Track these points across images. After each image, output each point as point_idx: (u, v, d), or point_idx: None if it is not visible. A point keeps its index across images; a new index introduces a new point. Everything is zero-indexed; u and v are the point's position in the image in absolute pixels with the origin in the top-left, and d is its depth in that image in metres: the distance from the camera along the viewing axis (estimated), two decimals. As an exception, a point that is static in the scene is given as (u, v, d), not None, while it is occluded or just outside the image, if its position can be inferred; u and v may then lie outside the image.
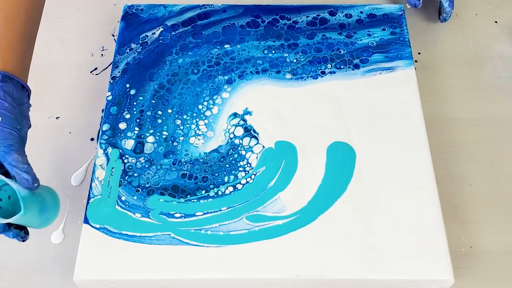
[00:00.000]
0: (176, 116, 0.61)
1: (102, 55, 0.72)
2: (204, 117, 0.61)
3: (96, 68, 0.71)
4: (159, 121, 0.61)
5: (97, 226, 0.53)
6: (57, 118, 0.67)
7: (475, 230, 0.58)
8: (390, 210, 0.54)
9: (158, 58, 0.65)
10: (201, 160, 0.58)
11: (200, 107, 0.61)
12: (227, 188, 0.56)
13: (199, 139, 0.59)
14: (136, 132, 0.60)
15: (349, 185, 0.55)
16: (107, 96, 0.62)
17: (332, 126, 0.59)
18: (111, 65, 0.66)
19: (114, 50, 0.67)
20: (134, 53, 0.66)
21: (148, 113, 0.61)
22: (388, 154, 0.57)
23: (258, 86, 0.63)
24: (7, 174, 0.48)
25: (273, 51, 0.65)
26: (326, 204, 0.54)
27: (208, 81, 0.63)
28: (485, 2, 0.76)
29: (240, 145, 0.59)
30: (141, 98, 0.62)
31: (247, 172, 0.57)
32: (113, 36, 0.74)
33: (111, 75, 0.64)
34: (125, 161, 0.58)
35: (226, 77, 0.64)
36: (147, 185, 0.56)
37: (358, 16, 0.68)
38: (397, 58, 0.64)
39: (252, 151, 0.58)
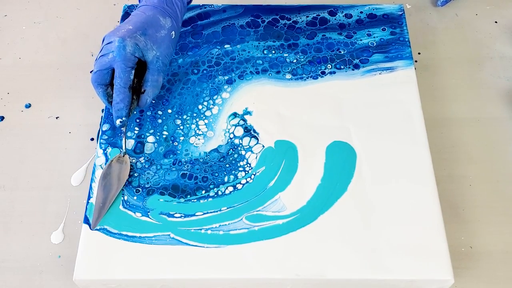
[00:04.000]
0: (176, 116, 0.61)
1: (102, 55, 0.72)
2: (204, 117, 0.61)
3: (96, 68, 0.71)
4: (159, 121, 0.61)
5: (97, 226, 0.53)
6: (57, 118, 0.67)
7: (475, 230, 0.58)
8: (390, 210, 0.54)
9: (158, 58, 0.65)
10: (201, 160, 0.58)
11: (200, 107, 0.61)
12: (227, 188, 0.56)
13: (199, 139, 0.59)
14: (136, 132, 0.60)
15: (349, 185, 0.55)
16: (107, 96, 0.62)
17: (332, 126, 0.59)
18: (111, 65, 0.66)
19: (114, 50, 0.67)
20: (134, 53, 0.66)
21: (148, 113, 0.61)
22: (388, 154, 0.57)
23: (258, 86, 0.63)
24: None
25: (273, 51, 0.65)
26: (326, 204, 0.54)
27: (208, 81, 0.63)
28: (485, 2, 0.76)
29: (240, 145, 0.59)
30: (141, 98, 0.62)
31: (247, 172, 0.57)
32: (113, 36, 0.74)
33: (111, 75, 0.64)
34: (125, 161, 0.58)
35: (226, 77, 0.64)
36: (147, 185, 0.56)
37: (358, 16, 0.68)
38: (397, 58, 0.64)
39: (252, 151, 0.58)
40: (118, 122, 0.56)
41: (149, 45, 0.56)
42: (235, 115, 0.61)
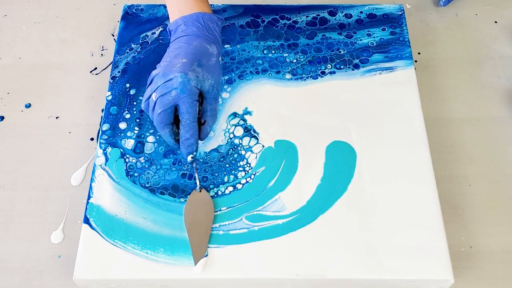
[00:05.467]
0: (176, 116, 0.61)
1: (102, 55, 0.72)
2: (204, 117, 0.61)
3: (96, 68, 0.71)
4: (159, 121, 0.60)
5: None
6: (57, 118, 0.67)
7: (474, 230, 0.58)
8: (390, 210, 0.54)
9: (158, 58, 0.65)
10: (201, 160, 0.58)
11: (200, 107, 0.61)
12: (227, 188, 0.56)
13: (199, 139, 0.59)
14: (136, 131, 0.60)
15: (349, 185, 0.55)
16: (107, 96, 0.62)
17: (332, 126, 0.59)
18: (111, 65, 0.66)
19: (114, 50, 0.67)
20: (134, 53, 0.66)
21: (148, 113, 0.61)
22: (388, 154, 0.57)
23: (258, 86, 0.63)
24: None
25: (273, 51, 0.65)
26: (326, 204, 0.54)
27: (208, 81, 0.63)
28: (485, 2, 0.76)
29: (240, 145, 0.59)
30: (141, 98, 0.62)
31: (247, 172, 0.57)
32: (113, 36, 0.74)
33: (111, 75, 0.64)
34: (126, 160, 0.58)
35: (226, 77, 0.64)
36: (147, 185, 0.56)
37: (358, 16, 0.68)
38: (397, 58, 0.64)
39: (252, 151, 0.58)
40: (189, 158, 0.54)
41: (205, 75, 0.54)
42: (235, 115, 0.61)
